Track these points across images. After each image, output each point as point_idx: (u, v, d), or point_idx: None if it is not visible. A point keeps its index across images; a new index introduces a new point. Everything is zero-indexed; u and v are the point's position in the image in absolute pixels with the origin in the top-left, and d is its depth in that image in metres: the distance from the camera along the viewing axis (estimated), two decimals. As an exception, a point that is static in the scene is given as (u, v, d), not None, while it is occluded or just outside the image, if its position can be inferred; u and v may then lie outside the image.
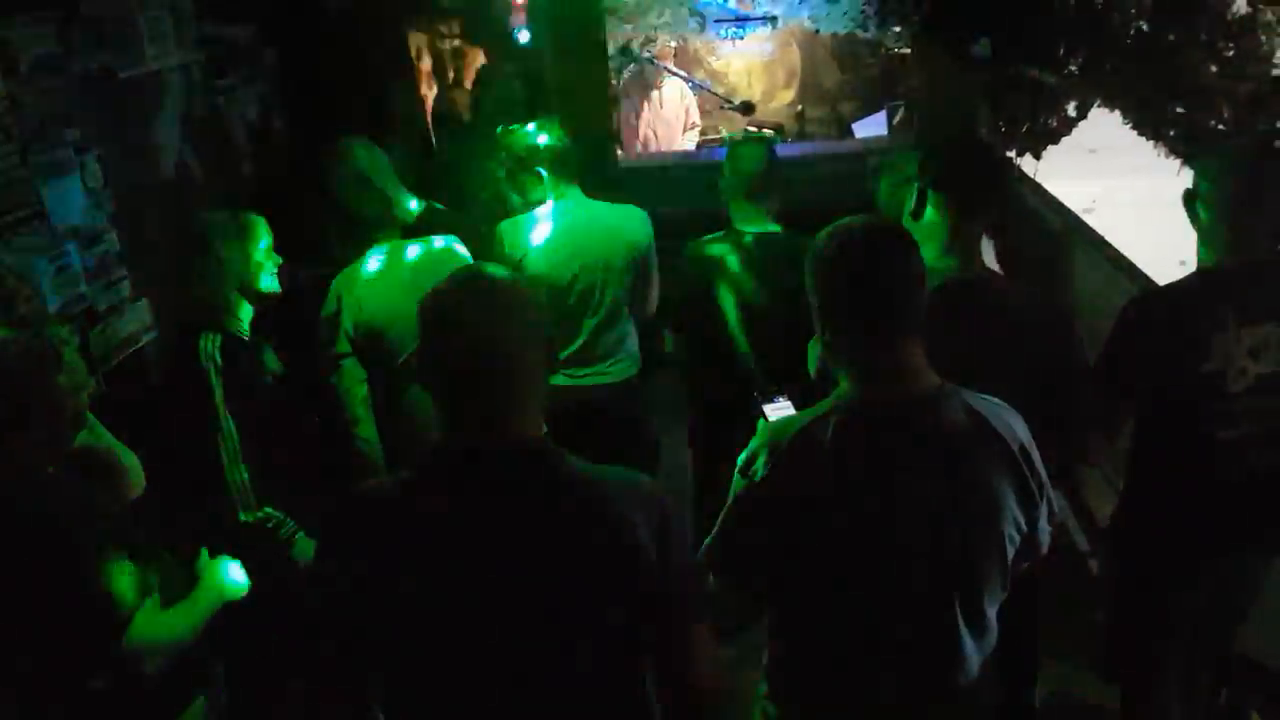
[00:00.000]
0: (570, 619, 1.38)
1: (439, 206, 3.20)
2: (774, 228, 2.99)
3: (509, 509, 1.38)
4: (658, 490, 1.48)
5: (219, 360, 2.38)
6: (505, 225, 3.12)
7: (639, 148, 6.61)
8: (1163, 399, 2.17)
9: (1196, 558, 2.28)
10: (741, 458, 1.67)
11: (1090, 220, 4.59)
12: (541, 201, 3.11)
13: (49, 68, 2.50)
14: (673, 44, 7.22)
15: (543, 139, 3.08)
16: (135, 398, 2.63)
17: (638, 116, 6.66)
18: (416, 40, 5.19)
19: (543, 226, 3.08)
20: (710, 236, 3.06)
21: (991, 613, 1.67)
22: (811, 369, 2.25)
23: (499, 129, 3.24)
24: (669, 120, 6.67)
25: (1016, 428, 1.64)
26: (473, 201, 3.79)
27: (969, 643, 1.64)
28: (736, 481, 1.67)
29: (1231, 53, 3.10)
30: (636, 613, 1.41)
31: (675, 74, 6.60)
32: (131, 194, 2.81)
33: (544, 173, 3.07)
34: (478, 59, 5.56)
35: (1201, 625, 2.38)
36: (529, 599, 1.36)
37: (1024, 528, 1.64)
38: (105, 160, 2.68)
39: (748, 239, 2.99)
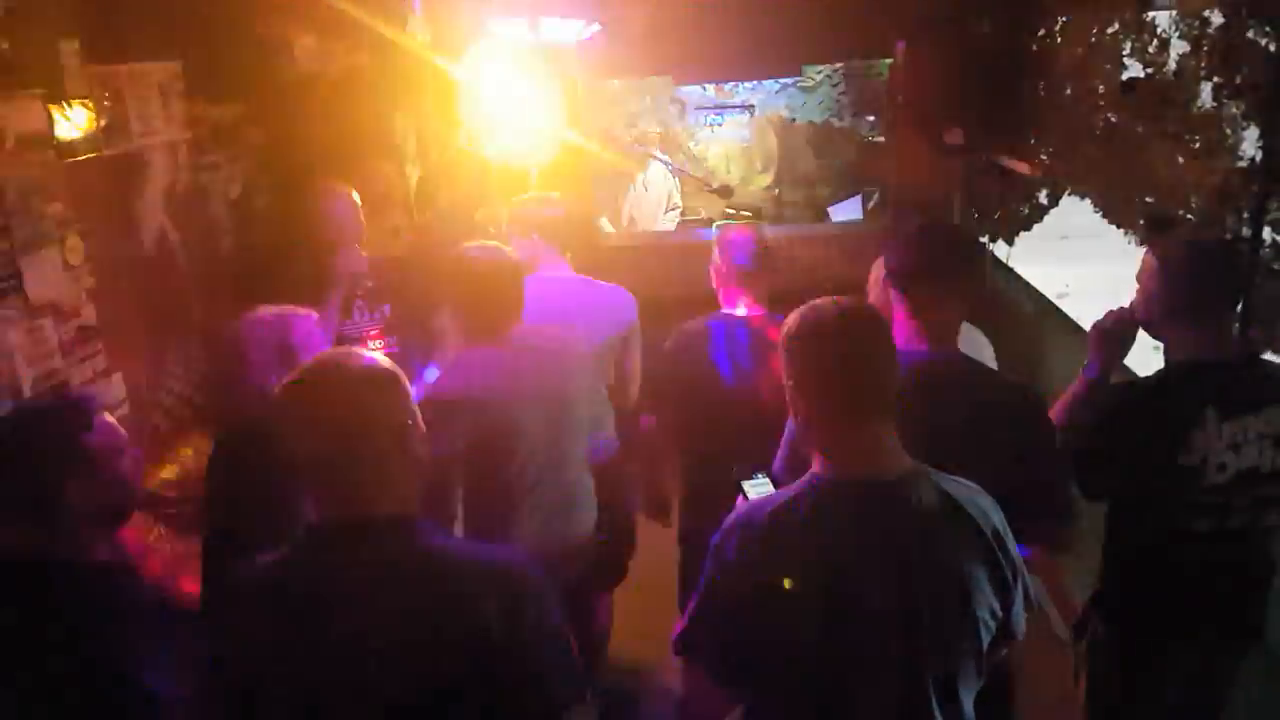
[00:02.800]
0: (417, 698, 1.41)
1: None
2: (760, 309, 2.97)
3: (360, 581, 1.43)
4: (518, 569, 1.50)
5: None
6: None
7: (623, 227, 6.71)
8: (1139, 490, 2.18)
9: (1170, 644, 2.28)
10: (715, 538, 1.66)
11: (1064, 305, 4.65)
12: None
13: (34, 143, 2.52)
14: (653, 130, 7.37)
15: (539, 208, 3.19)
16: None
17: (621, 197, 6.76)
18: (402, 122, 5.27)
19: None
20: (700, 318, 3.05)
21: (968, 701, 1.64)
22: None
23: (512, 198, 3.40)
24: (651, 201, 6.78)
25: (989, 511, 1.64)
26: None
27: (946, 731, 1.61)
28: (710, 563, 1.66)
29: (1198, 145, 3.18)
30: (485, 694, 1.41)
31: (657, 158, 6.73)
32: (112, 268, 2.81)
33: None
34: (460, 140, 5.64)
35: (1180, 714, 2.36)
36: (381, 674, 1.39)
37: (998, 612, 1.63)
38: (87, 235, 2.69)
39: (736, 321, 2.98)
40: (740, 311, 2.99)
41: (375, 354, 1.57)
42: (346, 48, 4.28)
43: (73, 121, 2.68)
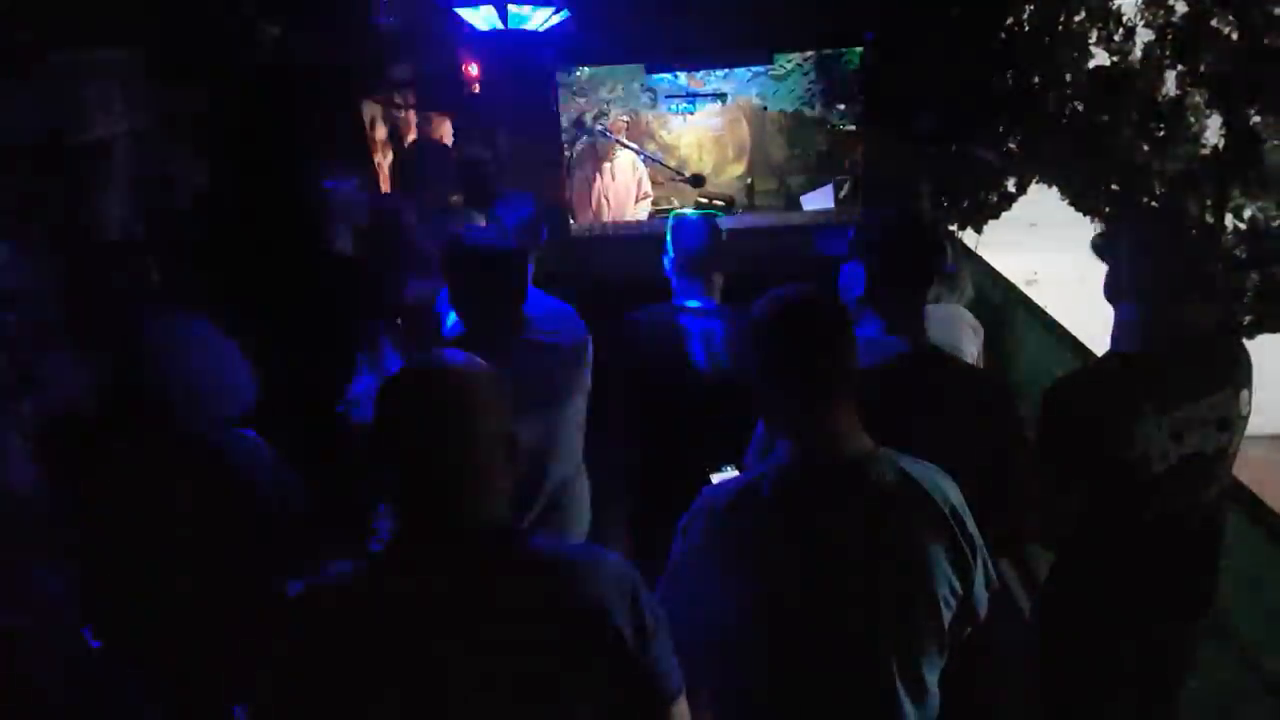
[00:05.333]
0: (544, 707, 1.35)
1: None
2: (712, 301, 2.95)
3: (473, 591, 1.35)
4: (626, 567, 1.46)
5: None
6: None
7: (591, 216, 6.70)
8: (1089, 479, 2.20)
9: (1123, 626, 2.32)
10: (681, 521, 1.68)
11: (1032, 293, 4.70)
12: None
13: (-7, 132, 2.48)
14: (624, 118, 7.35)
15: None
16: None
17: (591, 186, 6.74)
18: (371, 109, 5.23)
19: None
20: (650, 308, 3.02)
21: (931, 679, 1.67)
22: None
23: None
24: (621, 190, 6.76)
25: (948, 489, 1.66)
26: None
27: (909, 709, 1.64)
28: (676, 546, 1.67)
29: (1162, 133, 3.22)
30: (615, 699, 1.38)
31: (627, 146, 6.71)
32: (77, 259, 2.77)
33: None
34: (440, 127, 5.62)
35: (1137, 693, 2.40)
36: (498, 684, 1.32)
37: (958, 590, 1.65)
38: (50, 225, 2.65)
39: (687, 312, 2.95)
40: (691, 303, 2.97)
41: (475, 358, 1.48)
42: (313, 34, 4.24)
43: (32, 109, 2.64)
